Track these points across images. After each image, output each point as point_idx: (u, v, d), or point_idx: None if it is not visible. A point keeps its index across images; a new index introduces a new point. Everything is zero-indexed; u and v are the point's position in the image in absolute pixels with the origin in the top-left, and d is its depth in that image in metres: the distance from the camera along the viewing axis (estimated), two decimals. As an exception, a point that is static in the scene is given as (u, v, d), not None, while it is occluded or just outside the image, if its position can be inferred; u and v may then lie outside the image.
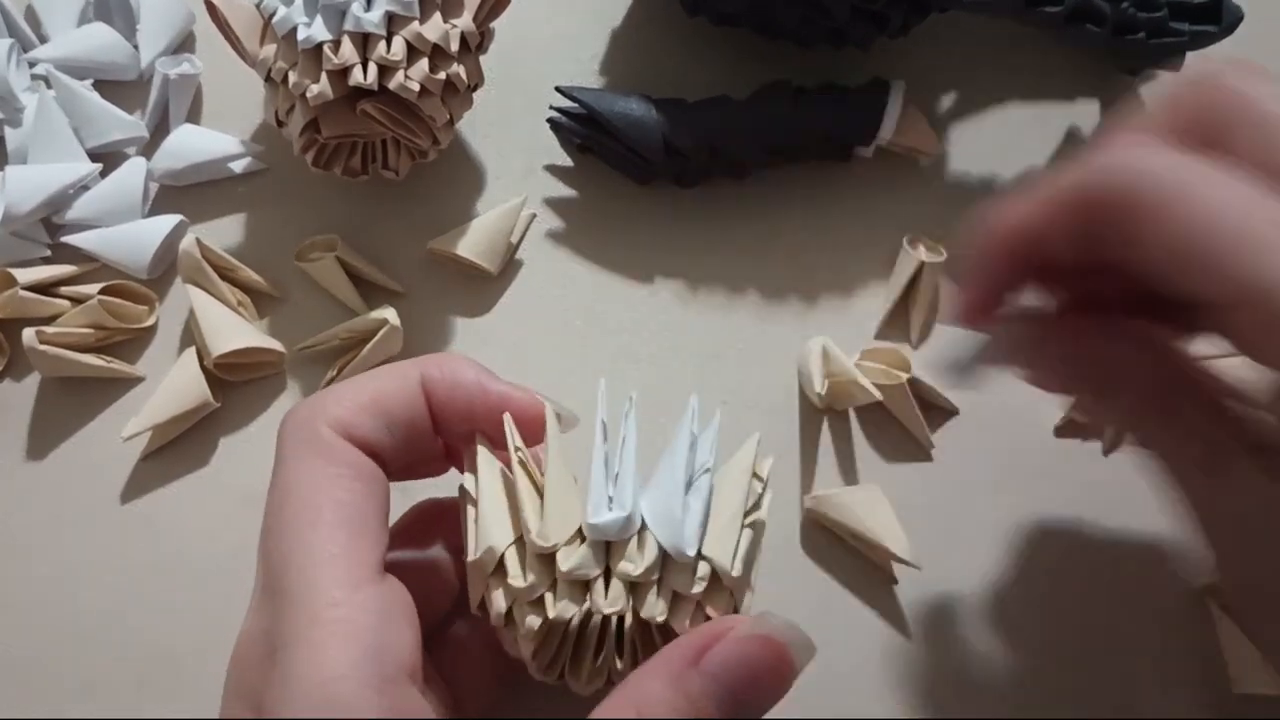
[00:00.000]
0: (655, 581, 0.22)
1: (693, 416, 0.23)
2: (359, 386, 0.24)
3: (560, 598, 0.21)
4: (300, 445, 0.22)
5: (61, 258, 0.35)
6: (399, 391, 0.24)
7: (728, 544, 0.22)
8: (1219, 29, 0.35)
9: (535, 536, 0.22)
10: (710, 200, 0.37)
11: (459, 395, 0.24)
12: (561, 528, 0.22)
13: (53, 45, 0.37)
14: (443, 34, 0.31)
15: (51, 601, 0.31)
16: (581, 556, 0.21)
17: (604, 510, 0.22)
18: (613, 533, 0.21)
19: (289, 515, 0.21)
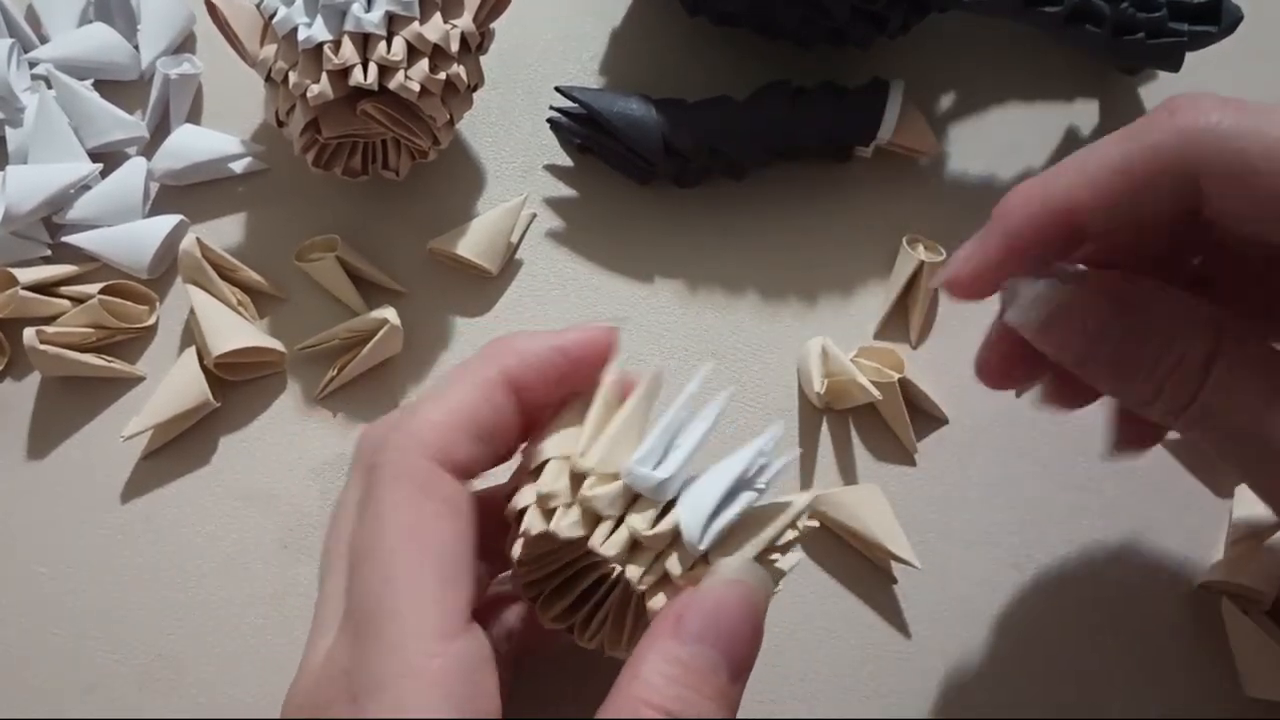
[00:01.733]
0: (656, 553, 0.22)
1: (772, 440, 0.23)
2: (449, 406, 0.22)
3: (567, 518, 0.21)
4: (399, 477, 0.21)
5: (62, 257, 0.35)
6: (487, 401, 0.23)
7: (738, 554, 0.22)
8: (1218, 29, 0.35)
9: (577, 454, 0.22)
10: (710, 200, 0.37)
11: (541, 373, 0.23)
12: (605, 460, 0.22)
13: (53, 45, 0.37)
14: (443, 34, 0.31)
15: (51, 601, 0.31)
16: (607, 492, 0.21)
17: (649, 463, 0.22)
18: (645, 487, 0.21)
19: (386, 552, 0.20)
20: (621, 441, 0.22)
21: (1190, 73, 0.37)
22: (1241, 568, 0.31)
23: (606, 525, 0.21)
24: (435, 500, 0.21)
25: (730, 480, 0.22)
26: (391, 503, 0.21)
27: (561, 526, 0.21)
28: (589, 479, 0.22)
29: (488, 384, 0.23)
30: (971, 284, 0.25)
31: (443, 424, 0.22)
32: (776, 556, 0.23)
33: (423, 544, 0.21)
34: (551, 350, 0.23)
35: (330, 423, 0.34)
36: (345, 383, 0.34)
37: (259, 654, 0.31)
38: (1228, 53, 0.37)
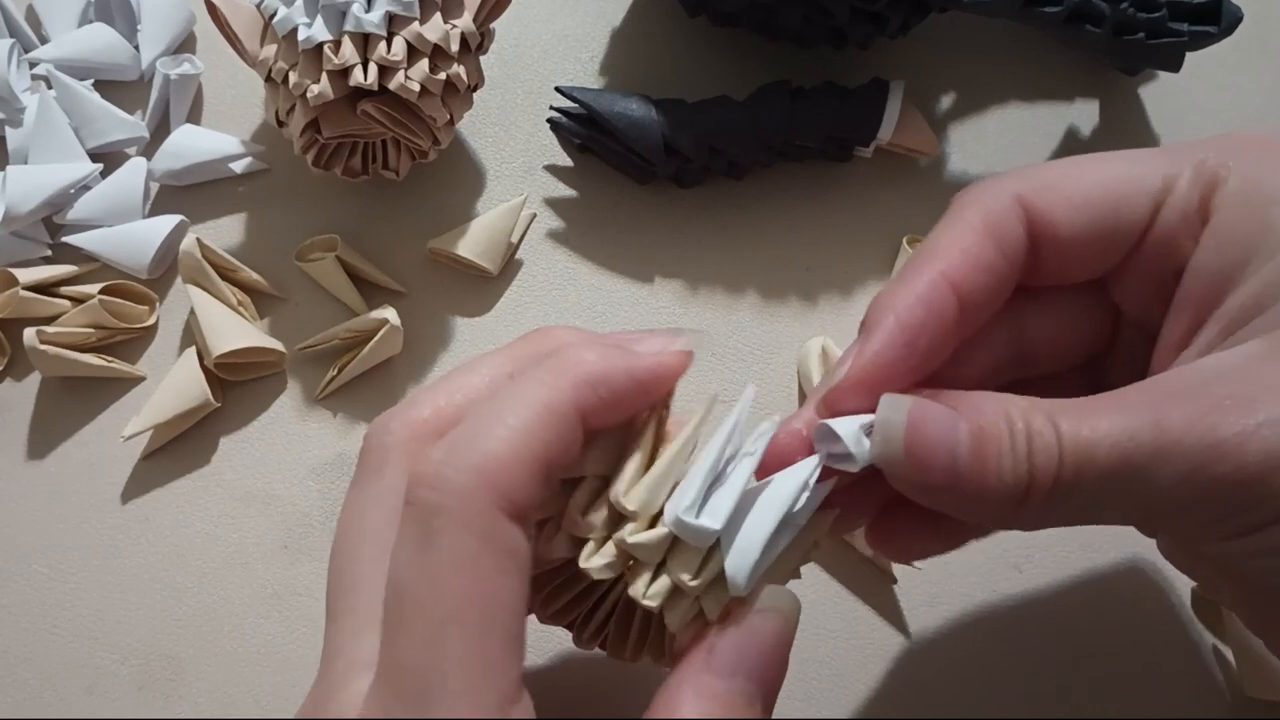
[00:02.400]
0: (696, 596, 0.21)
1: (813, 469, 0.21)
2: (516, 441, 0.19)
3: (601, 558, 0.20)
4: (462, 529, 0.19)
5: (62, 258, 0.35)
6: (561, 438, 0.20)
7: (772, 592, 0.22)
8: (1218, 29, 0.35)
9: (622, 495, 0.21)
10: (710, 200, 0.37)
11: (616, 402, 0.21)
12: (648, 501, 0.21)
13: (53, 45, 0.37)
14: (443, 34, 0.31)
15: (51, 601, 0.31)
16: (650, 540, 0.20)
17: (694, 511, 0.20)
18: (691, 538, 0.20)
19: (444, 616, 0.18)
20: (666, 481, 0.21)
21: (1190, 73, 0.37)
22: (1241, 568, 0.31)
23: (647, 572, 0.20)
24: (501, 556, 0.19)
25: (776, 521, 0.21)
26: (456, 559, 0.18)
27: (594, 565, 0.20)
28: (630, 524, 0.21)
29: (560, 417, 0.20)
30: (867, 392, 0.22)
31: (512, 464, 0.19)
32: None
33: (486, 606, 0.18)
34: (629, 378, 0.21)
35: (330, 423, 0.34)
36: (345, 383, 0.34)
37: (259, 654, 0.31)
38: (1228, 53, 0.37)
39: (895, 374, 0.22)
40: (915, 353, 0.22)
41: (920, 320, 0.22)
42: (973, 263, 0.22)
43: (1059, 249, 0.23)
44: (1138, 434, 0.19)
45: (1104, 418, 0.19)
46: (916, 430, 0.20)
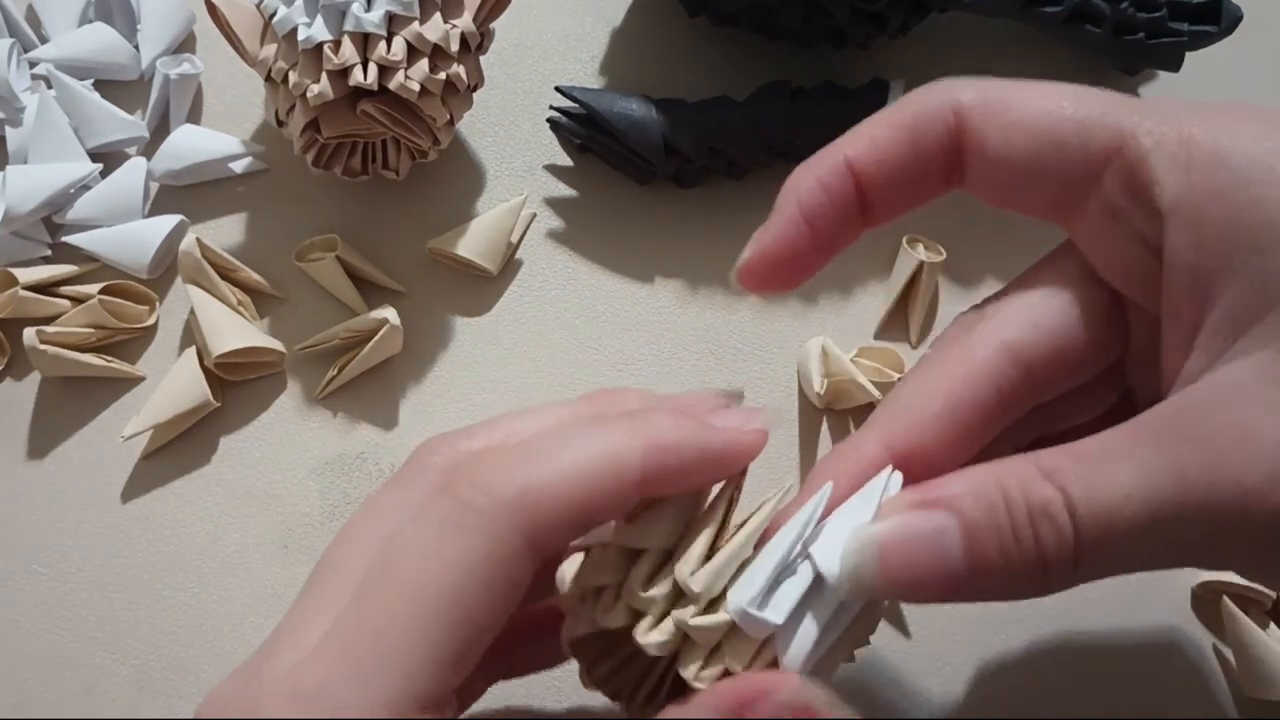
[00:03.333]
0: None
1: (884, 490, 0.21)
2: (572, 480, 0.19)
3: (658, 634, 0.20)
4: (481, 533, 0.19)
5: (62, 257, 0.35)
6: (615, 494, 0.19)
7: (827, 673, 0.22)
8: (1218, 29, 0.35)
9: (688, 575, 0.20)
10: (710, 200, 0.37)
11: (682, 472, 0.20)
12: (712, 584, 0.20)
13: (53, 45, 0.37)
14: (443, 34, 0.31)
15: (51, 601, 0.31)
16: (712, 625, 0.20)
17: (758, 602, 0.20)
18: (752, 630, 0.20)
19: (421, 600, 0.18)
20: (732, 566, 0.21)
21: (1190, 73, 0.37)
22: (1241, 568, 0.31)
23: (700, 654, 0.20)
24: (502, 581, 0.19)
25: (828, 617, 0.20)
26: (460, 554, 0.18)
27: (651, 642, 0.20)
28: (691, 606, 0.20)
29: (621, 474, 0.19)
30: (772, 270, 0.23)
31: (556, 501, 0.19)
32: None
33: (463, 615, 0.18)
34: (700, 453, 0.20)
35: (330, 423, 0.34)
36: (345, 383, 0.34)
37: (259, 654, 0.31)
38: (1227, 53, 0.37)
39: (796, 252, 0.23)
40: (814, 232, 0.23)
41: (818, 201, 0.23)
42: (879, 152, 0.22)
43: (987, 169, 0.22)
44: (1160, 488, 0.18)
45: (1121, 470, 0.18)
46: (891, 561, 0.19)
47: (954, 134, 0.22)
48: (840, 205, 0.23)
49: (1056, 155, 0.21)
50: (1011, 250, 0.37)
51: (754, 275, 0.23)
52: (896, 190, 0.23)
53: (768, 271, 0.23)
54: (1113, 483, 0.18)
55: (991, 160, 0.22)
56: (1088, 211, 0.22)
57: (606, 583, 0.21)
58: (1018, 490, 0.19)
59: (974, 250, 0.37)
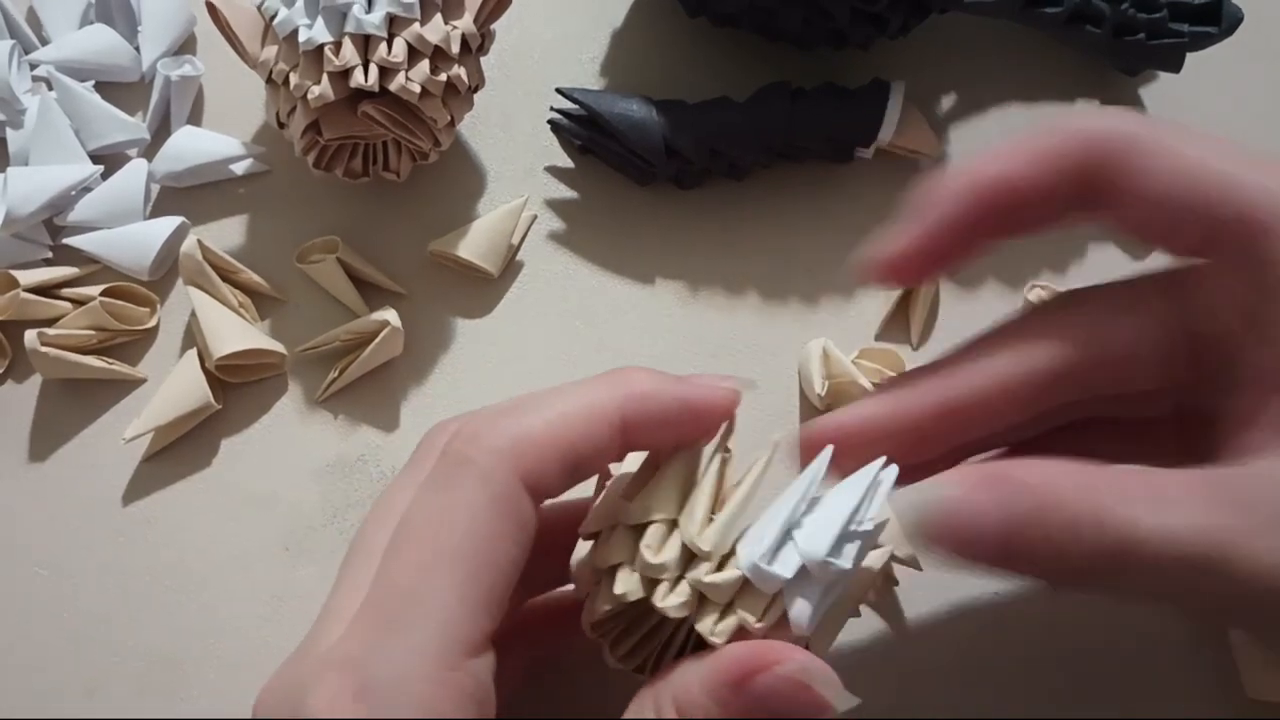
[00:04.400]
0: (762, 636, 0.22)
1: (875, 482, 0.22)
2: (554, 424, 0.21)
3: (675, 597, 0.21)
4: (479, 481, 0.20)
5: (63, 259, 0.35)
6: (596, 436, 0.21)
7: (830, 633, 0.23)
8: (1219, 30, 0.35)
9: (695, 535, 0.21)
10: (711, 201, 0.37)
11: (658, 421, 0.22)
12: (720, 542, 0.21)
13: (54, 47, 0.37)
14: (444, 36, 0.31)
15: (52, 603, 0.31)
16: (724, 582, 0.21)
17: (769, 558, 0.21)
18: (763, 584, 0.21)
19: (441, 552, 0.20)
20: (737, 523, 0.22)
21: (1190, 73, 0.37)
22: (1242, 568, 0.31)
23: (714, 610, 0.21)
24: (508, 519, 0.20)
25: None
26: (466, 504, 0.20)
27: (669, 605, 0.21)
28: (704, 564, 0.21)
29: (602, 418, 0.22)
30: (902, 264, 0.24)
31: (542, 442, 0.21)
32: None
33: (482, 557, 0.20)
34: (677, 403, 0.22)
35: (331, 425, 0.34)
36: (346, 385, 0.34)
37: (260, 656, 0.31)
38: (1228, 53, 0.37)
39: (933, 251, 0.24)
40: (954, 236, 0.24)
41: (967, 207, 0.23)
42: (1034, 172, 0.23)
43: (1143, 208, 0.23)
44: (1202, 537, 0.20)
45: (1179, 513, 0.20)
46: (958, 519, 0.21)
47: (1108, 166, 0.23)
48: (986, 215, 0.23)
49: (1204, 206, 0.22)
50: (1012, 251, 0.37)
51: (887, 267, 0.24)
52: (1041, 211, 0.24)
53: (899, 264, 0.24)
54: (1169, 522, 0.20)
55: (1150, 201, 0.23)
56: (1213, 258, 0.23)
57: (619, 560, 0.22)
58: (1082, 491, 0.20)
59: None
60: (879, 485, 0.22)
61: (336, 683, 0.19)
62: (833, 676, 0.20)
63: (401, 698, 0.18)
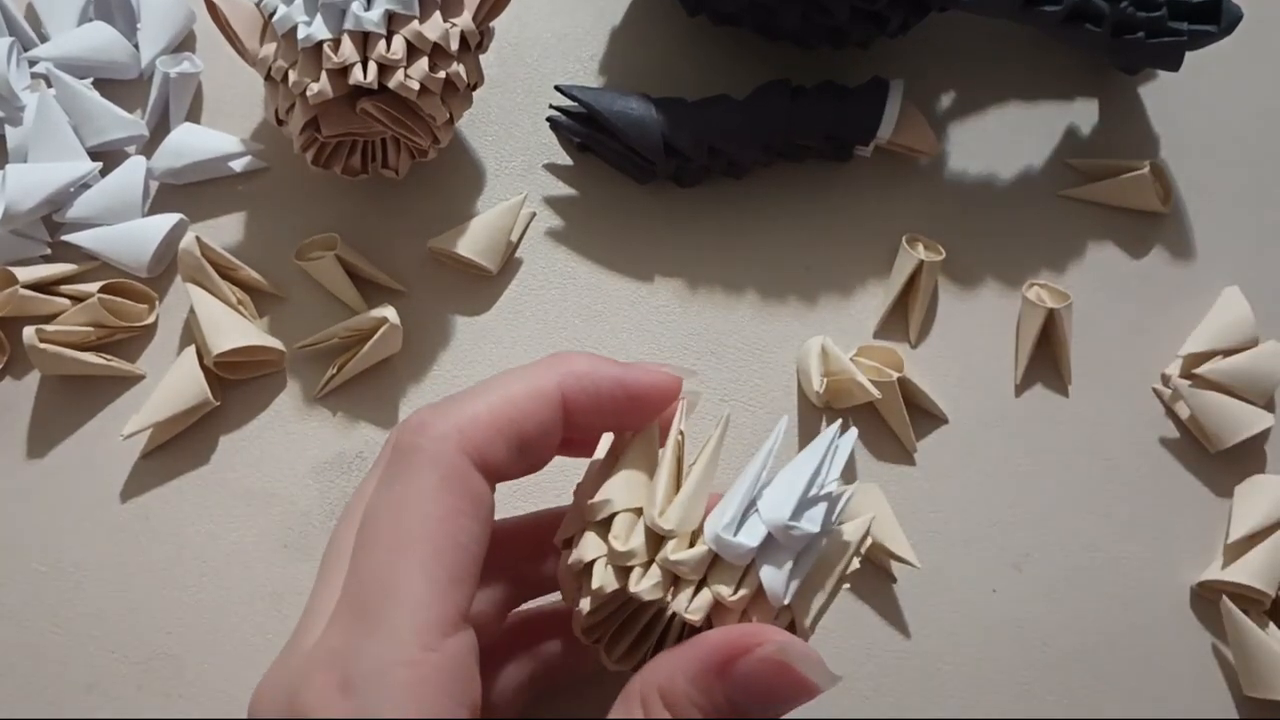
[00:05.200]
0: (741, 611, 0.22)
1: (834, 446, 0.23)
2: (495, 405, 0.22)
3: (648, 580, 0.21)
4: (432, 464, 0.21)
5: (61, 256, 0.35)
6: (538, 413, 0.22)
7: (816, 601, 0.22)
8: (1218, 29, 0.35)
9: (657, 516, 0.22)
10: (710, 200, 0.37)
11: (597, 402, 0.23)
12: (685, 520, 0.22)
13: (53, 44, 0.37)
14: (443, 33, 0.31)
15: (51, 599, 0.31)
16: (691, 557, 0.21)
17: (732, 529, 0.21)
18: (730, 555, 0.21)
19: (403, 537, 0.20)
20: (698, 500, 0.22)
21: (1190, 72, 0.37)
22: (1241, 568, 0.31)
23: (689, 588, 0.21)
24: (461, 496, 0.21)
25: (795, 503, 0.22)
26: (418, 489, 0.21)
27: (643, 589, 0.21)
28: (671, 542, 0.22)
29: (541, 395, 0.22)
30: None
31: (485, 422, 0.22)
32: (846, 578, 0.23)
33: (441, 537, 0.20)
34: (614, 383, 0.23)
35: (330, 422, 0.34)
36: (345, 381, 0.34)
37: (258, 653, 0.31)
38: (1227, 52, 0.37)
39: None
40: None
41: None
42: None
43: None
44: None
45: None
46: None
47: None
48: None
49: None
50: (1011, 250, 0.37)
51: None
52: None
53: None
54: None
55: None
56: None
57: (594, 557, 0.22)
58: None
59: (973, 250, 0.37)
60: (838, 449, 0.23)
61: (322, 680, 0.19)
62: (814, 654, 0.20)
63: (384, 687, 0.19)
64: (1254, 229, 0.38)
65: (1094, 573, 0.32)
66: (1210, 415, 0.33)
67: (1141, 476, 0.34)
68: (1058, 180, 0.38)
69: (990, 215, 0.37)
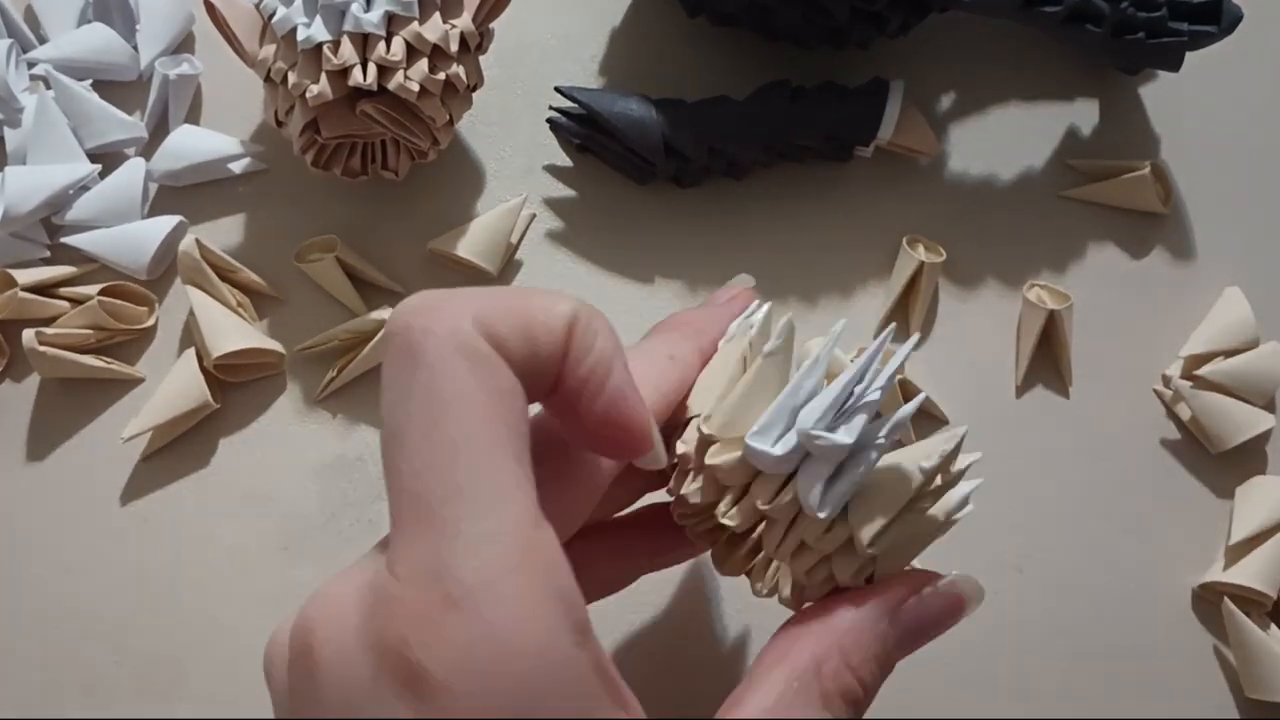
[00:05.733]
0: (786, 524, 0.21)
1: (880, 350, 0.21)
2: (505, 300, 0.19)
3: (694, 483, 0.21)
4: (456, 353, 0.17)
5: (61, 258, 0.35)
6: (547, 325, 0.19)
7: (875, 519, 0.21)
8: (1218, 29, 0.35)
9: (700, 420, 0.21)
10: (710, 200, 0.37)
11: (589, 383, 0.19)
12: (728, 425, 0.21)
13: (52, 45, 0.37)
14: (442, 34, 0.31)
15: (51, 602, 0.31)
16: (726, 462, 0.21)
17: (768, 438, 0.20)
18: (764, 464, 0.21)
19: (458, 431, 0.17)
20: (748, 404, 0.21)
21: (1190, 72, 0.37)
22: (1242, 569, 0.31)
23: (731, 495, 0.21)
24: (501, 382, 0.18)
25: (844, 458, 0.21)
26: (454, 377, 0.17)
27: (689, 492, 0.21)
28: (713, 445, 0.21)
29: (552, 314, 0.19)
30: None
31: (502, 315, 0.18)
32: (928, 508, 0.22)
33: (499, 424, 0.17)
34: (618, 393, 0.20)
35: (330, 424, 0.34)
36: (345, 384, 0.34)
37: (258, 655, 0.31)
38: (1227, 52, 0.37)
39: None
40: None
41: None
42: None
43: None
44: None
45: None
46: None
47: None
48: None
49: None
50: (1011, 251, 0.37)
51: None
52: None
53: None
54: None
55: None
56: None
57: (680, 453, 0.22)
58: None
59: (974, 250, 0.36)
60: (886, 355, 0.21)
61: (418, 601, 0.16)
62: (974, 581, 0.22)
63: (500, 598, 0.16)
64: (1254, 229, 0.38)
65: (1095, 574, 0.32)
66: (1211, 416, 0.33)
67: (1142, 478, 0.34)
68: (1058, 181, 0.38)
69: (991, 216, 0.37)
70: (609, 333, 0.20)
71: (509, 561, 0.16)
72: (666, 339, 0.24)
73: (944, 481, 0.22)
